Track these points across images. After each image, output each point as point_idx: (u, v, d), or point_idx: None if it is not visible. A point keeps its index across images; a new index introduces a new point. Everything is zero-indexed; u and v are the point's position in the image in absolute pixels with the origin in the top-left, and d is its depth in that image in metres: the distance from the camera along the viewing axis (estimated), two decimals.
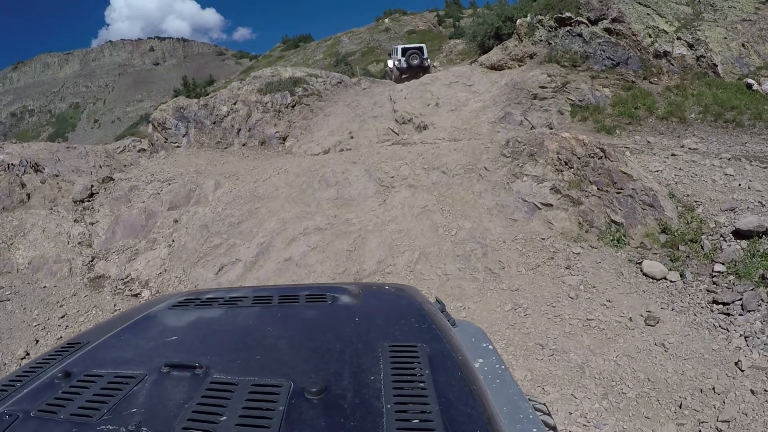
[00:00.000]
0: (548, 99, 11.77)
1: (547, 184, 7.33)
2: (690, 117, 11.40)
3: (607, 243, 6.53)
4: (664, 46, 14.26)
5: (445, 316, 2.05)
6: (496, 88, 13.43)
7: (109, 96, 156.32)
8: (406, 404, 1.24)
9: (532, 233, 6.83)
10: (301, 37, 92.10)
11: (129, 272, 8.01)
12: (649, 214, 6.56)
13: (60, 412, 1.32)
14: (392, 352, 1.51)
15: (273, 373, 1.43)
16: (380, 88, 16.87)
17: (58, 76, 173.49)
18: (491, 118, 11.64)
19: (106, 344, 1.83)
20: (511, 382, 1.91)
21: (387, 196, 8.07)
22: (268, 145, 15.23)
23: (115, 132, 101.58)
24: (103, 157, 20.11)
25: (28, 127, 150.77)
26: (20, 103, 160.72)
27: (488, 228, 6.94)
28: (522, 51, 15.27)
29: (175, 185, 9.72)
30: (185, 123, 16.46)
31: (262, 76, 18.93)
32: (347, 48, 63.07)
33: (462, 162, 8.37)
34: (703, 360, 4.47)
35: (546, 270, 6.16)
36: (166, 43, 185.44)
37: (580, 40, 14.62)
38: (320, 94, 17.08)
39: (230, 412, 1.22)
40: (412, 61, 19.51)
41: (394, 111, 14.04)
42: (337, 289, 2.23)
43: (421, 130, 12.58)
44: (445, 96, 13.71)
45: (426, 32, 56.26)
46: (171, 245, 8.34)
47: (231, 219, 8.39)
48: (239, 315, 2.04)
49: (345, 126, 14.12)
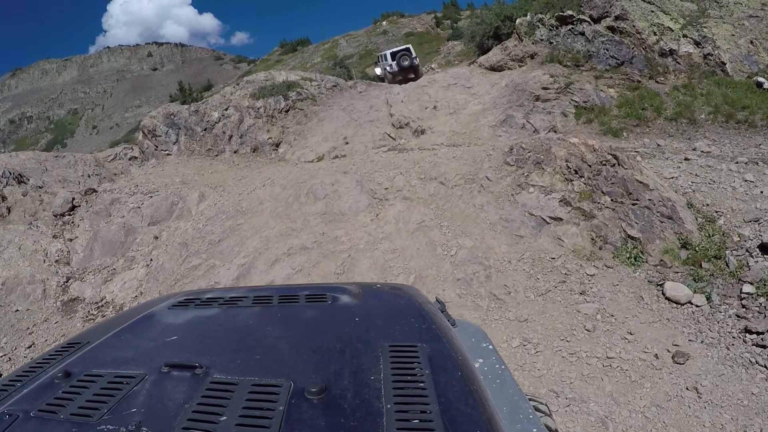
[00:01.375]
0: (551, 100, 11.20)
1: (556, 196, 6.73)
2: (700, 118, 10.83)
3: (624, 261, 5.93)
4: (669, 44, 13.77)
5: (445, 316, 2.04)
6: (496, 89, 12.87)
7: (107, 102, 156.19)
8: (406, 404, 1.23)
9: (541, 252, 6.24)
10: (298, 41, 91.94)
11: (104, 295, 7.44)
12: (667, 227, 5.97)
13: (60, 412, 1.32)
14: (392, 352, 1.51)
15: (273, 373, 1.42)
16: (377, 91, 16.30)
17: (56, 82, 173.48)
18: (492, 122, 11.07)
19: (106, 344, 1.82)
20: (511, 382, 1.89)
21: (380, 210, 7.46)
22: (260, 152, 14.67)
23: (113, 138, 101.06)
24: (93, 166, 19.52)
25: (27, 134, 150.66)
26: (19, 110, 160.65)
27: (492, 246, 6.36)
28: (522, 51, 14.73)
29: (157, 198, 9.12)
30: (176, 130, 15.93)
31: (255, 80, 18.41)
32: (345, 51, 62.88)
33: (462, 171, 7.77)
34: (743, 408, 3.87)
35: (558, 296, 5.54)
36: (164, 49, 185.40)
37: (582, 39, 14.14)
38: (315, 98, 16.53)
39: (230, 412, 1.22)
40: (403, 62, 19.52)
41: (391, 115, 13.48)
42: (337, 289, 2.21)
43: (419, 135, 12.02)
44: (443, 99, 13.15)
45: (424, 34, 55.87)
46: (149, 265, 7.76)
47: (212, 236, 7.80)
48: (239, 315, 2.01)
49: (340, 131, 13.56)
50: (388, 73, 20.11)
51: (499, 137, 10.23)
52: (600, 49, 13.70)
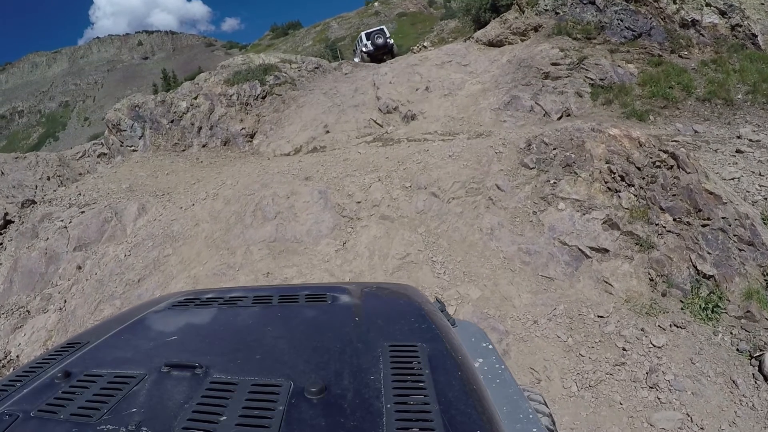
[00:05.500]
0: (562, 78, 9.56)
1: (598, 215, 4.83)
2: (737, 98, 9.24)
3: (697, 314, 4.17)
4: (691, 13, 12.33)
5: (445, 316, 2.01)
6: (496, 66, 11.20)
7: (98, 93, 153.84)
8: (406, 404, 1.22)
9: (581, 304, 4.38)
10: (290, 24, 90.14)
11: (10, 348, 5.77)
12: (748, 257, 4.27)
13: (60, 412, 1.31)
14: (392, 352, 1.50)
15: (273, 372, 1.41)
16: (363, 72, 14.60)
17: (46, 75, 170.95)
18: (494, 104, 9.43)
19: (106, 344, 1.81)
20: (511, 381, 1.85)
21: (349, 235, 5.57)
22: (232, 145, 13.05)
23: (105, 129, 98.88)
24: (55, 166, 17.80)
25: (18, 129, 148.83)
26: (9, 104, 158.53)
27: (508, 296, 4.49)
28: (524, 23, 13.06)
29: (89, 213, 7.35)
30: (141, 123, 14.29)
31: (231, 65, 16.73)
32: (337, 33, 61.43)
33: (462, 176, 5.85)
34: None
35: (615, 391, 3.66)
36: (155, 37, 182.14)
37: (592, 9, 12.65)
38: (294, 82, 14.86)
39: (230, 412, 1.21)
40: (377, 40, 19.98)
41: (378, 98, 11.84)
42: (337, 288, 2.18)
43: (409, 121, 10.40)
44: (436, 78, 11.48)
45: (416, 14, 54.02)
46: (62, 309, 6.09)
47: (131, 273, 6.02)
48: (239, 315, 2.00)
49: (320, 118, 11.93)
50: (363, 53, 20.37)
51: (503, 123, 8.59)
52: (613, 19, 12.24)
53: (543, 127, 7.37)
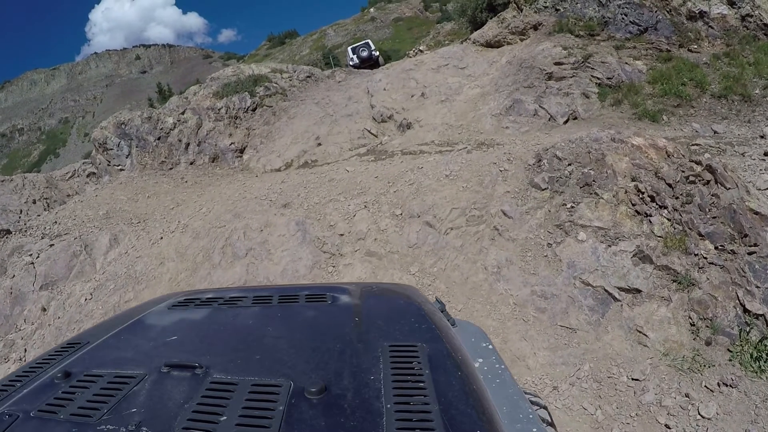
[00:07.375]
0: (567, 78, 8.92)
1: (626, 246, 4.02)
2: (755, 93, 8.60)
3: (746, 364, 3.38)
4: (699, 4, 11.77)
5: (445, 316, 1.99)
6: (495, 68, 10.57)
7: (98, 108, 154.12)
8: (406, 404, 1.21)
9: (610, 362, 3.60)
10: (286, 34, 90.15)
11: None
12: None
13: (60, 412, 1.30)
14: (392, 352, 1.48)
15: (273, 372, 1.40)
16: (357, 79, 14.00)
17: (45, 92, 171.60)
18: (494, 109, 8.79)
19: (106, 344, 1.80)
20: (511, 381, 1.84)
21: (330, 275, 4.84)
22: (221, 161, 12.44)
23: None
24: (42, 188, 17.16)
25: (19, 146, 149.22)
26: (9, 122, 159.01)
27: (521, 355, 3.75)
28: (523, 22, 12.47)
29: (59, 246, 6.69)
30: (128, 141, 13.71)
31: (221, 76, 16.18)
32: (333, 41, 61.21)
33: (461, 201, 5.03)
34: None
35: None
36: (152, 51, 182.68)
37: (594, 4, 12.13)
38: (285, 92, 14.27)
39: (230, 412, 1.20)
40: (362, 53, 20.85)
41: (372, 107, 11.23)
42: (337, 289, 2.16)
43: (404, 130, 9.78)
44: (432, 83, 10.86)
45: (413, 19, 53.61)
46: (23, 359, 5.44)
47: (89, 322, 5.31)
48: (239, 315, 1.98)
49: (312, 130, 11.33)
50: (351, 66, 20.54)
51: (506, 129, 7.93)
52: (617, 14, 11.70)
53: (550, 133, 6.70)
